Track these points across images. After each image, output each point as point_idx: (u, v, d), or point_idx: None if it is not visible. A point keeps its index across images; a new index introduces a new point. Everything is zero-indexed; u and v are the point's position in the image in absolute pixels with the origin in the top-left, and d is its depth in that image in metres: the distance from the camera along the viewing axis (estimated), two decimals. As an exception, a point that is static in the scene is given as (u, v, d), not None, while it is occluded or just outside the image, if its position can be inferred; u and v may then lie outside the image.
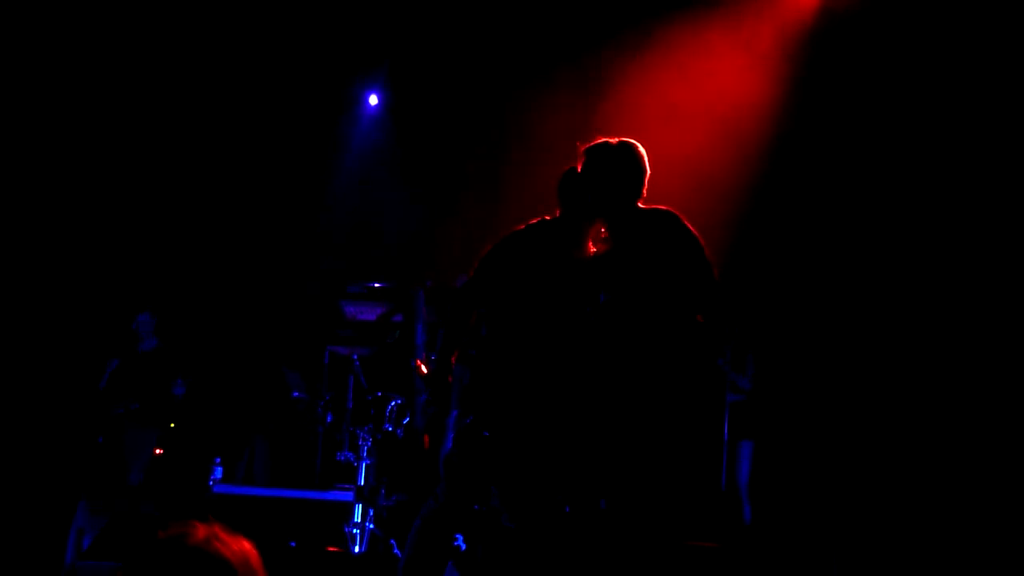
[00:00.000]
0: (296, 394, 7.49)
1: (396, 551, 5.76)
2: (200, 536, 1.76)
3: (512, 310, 4.52)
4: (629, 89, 7.23)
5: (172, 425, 7.26)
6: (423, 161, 8.30)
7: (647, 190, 4.31)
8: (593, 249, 4.53)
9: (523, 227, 4.71)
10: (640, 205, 4.33)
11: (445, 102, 8.06)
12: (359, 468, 6.22)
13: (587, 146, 4.39)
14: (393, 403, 6.23)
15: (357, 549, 5.96)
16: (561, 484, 4.35)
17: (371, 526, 6.06)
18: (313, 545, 5.87)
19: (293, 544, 5.92)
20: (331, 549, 5.82)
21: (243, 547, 1.79)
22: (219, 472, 7.19)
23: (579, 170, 4.37)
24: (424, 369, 5.58)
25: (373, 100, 8.59)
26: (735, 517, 7.13)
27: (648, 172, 4.31)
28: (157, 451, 7.12)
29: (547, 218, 4.69)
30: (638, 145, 4.34)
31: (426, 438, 4.54)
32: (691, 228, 4.22)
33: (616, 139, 4.38)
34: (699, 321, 4.20)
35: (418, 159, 8.30)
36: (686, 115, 6.99)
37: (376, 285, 6.98)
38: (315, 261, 8.28)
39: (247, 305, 8.02)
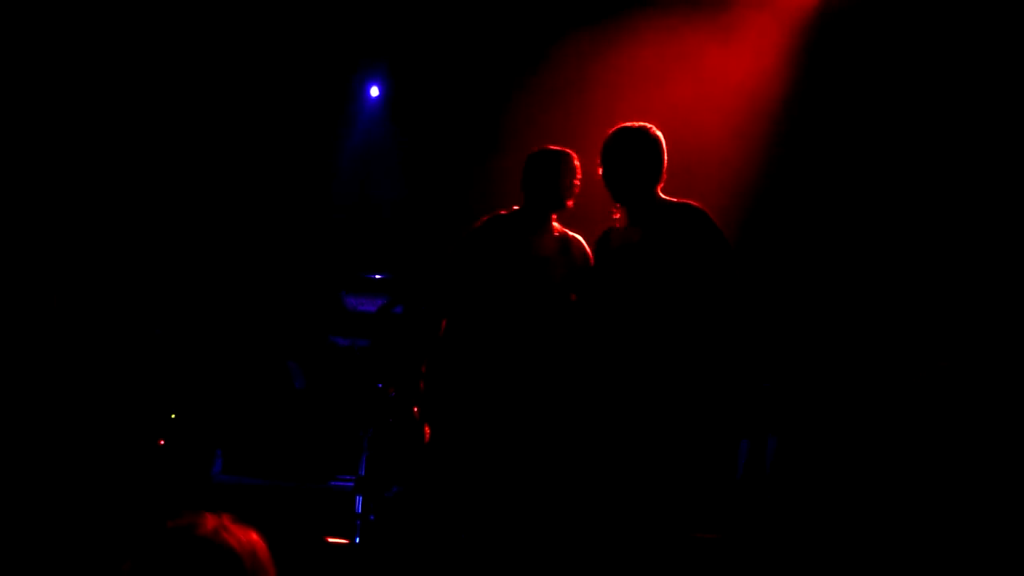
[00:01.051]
0: (298, 384, 7.51)
1: (396, 542, 5.78)
2: (209, 527, 1.77)
3: (482, 311, 4.48)
4: (633, 82, 7.17)
5: (172, 416, 7.27)
6: (425, 153, 8.29)
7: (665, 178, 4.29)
8: (562, 237, 4.48)
9: (479, 224, 4.61)
10: (662, 195, 4.31)
11: (446, 94, 8.04)
12: (360, 459, 6.24)
13: (610, 132, 4.36)
14: (394, 394, 6.24)
15: (359, 539, 5.98)
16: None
17: (372, 517, 6.08)
18: (314, 535, 5.89)
19: (292, 536, 5.94)
20: (331, 540, 5.83)
21: (251, 538, 1.80)
22: (220, 463, 7.21)
23: (600, 157, 4.33)
24: None
25: (375, 91, 8.56)
26: (753, 510, 7.07)
27: (666, 158, 4.28)
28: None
29: (502, 212, 4.62)
30: (656, 129, 4.31)
31: (427, 429, 4.53)
32: (718, 225, 4.19)
33: (636, 123, 4.35)
34: (719, 319, 4.18)
35: (420, 151, 8.30)
36: (687, 108, 6.95)
37: (377, 277, 6.99)
38: (316, 251, 8.28)
39: (249, 296, 8.02)
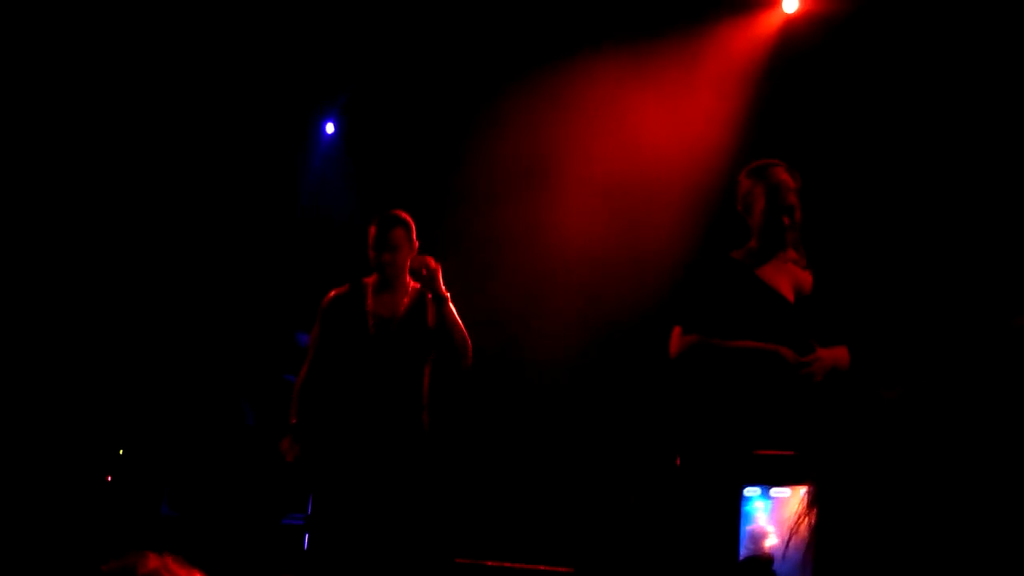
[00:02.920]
0: (250, 422, 7.44)
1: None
2: (150, 567, 1.75)
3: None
4: (586, 121, 7.10)
5: (121, 452, 7.17)
6: (382, 191, 8.24)
7: None
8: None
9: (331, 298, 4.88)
10: None
11: (404, 131, 8.01)
12: (309, 497, 6.17)
13: (780, 170, 4.24)
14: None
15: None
16: None
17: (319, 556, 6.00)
18: (264, 574, 5.82)
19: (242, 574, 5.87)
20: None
21: (195, 578, 1.78)
22: (168, 500, 7.11)
23: (774, 191, 4.19)
24: None
25: (330, 128, 8.53)
26: None
27: None
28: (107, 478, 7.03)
29: (366, 280, 4.81)
30: None
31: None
32: None
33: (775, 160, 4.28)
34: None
35: (377, 189, 8.25)
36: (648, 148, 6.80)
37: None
38: (270, 288, 8.21)
39: (201, 333, 7.93)
